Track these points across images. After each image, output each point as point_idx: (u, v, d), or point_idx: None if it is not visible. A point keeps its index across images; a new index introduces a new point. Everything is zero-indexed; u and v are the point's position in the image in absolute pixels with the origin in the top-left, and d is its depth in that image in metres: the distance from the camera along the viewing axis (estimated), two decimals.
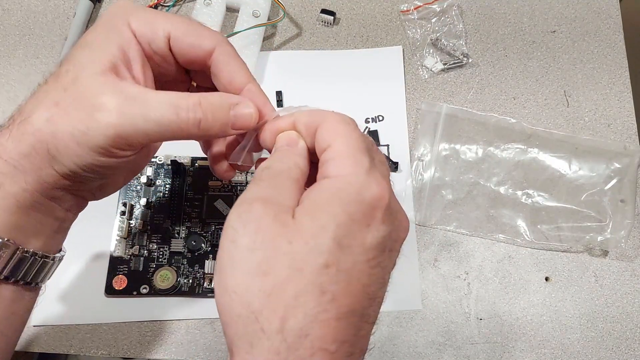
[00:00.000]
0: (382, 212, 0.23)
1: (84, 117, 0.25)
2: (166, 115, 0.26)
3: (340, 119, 0.26)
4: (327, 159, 0.24)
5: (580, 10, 0.55)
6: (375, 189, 0.23)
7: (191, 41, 0.28)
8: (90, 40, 0.27)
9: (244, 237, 0.23)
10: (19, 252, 0.27)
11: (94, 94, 0.25)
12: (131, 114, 0.25)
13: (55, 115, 0.25)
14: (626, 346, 0.44)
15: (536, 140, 0.49)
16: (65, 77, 0.26)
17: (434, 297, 0.45)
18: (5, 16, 0.54)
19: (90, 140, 0.25)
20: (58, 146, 0.25)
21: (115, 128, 0.25)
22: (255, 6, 0.51)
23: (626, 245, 0.45)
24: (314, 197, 0.23)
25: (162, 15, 0.29)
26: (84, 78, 0.26)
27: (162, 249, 0.44)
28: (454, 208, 0.47)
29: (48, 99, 0.26)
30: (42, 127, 0.25)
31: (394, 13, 0.55)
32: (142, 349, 0.43)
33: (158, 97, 0.26)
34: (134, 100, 0.26)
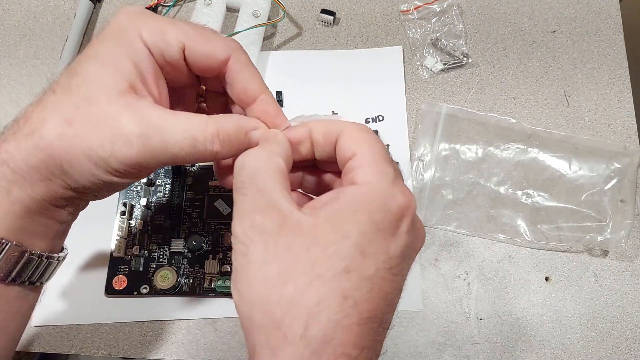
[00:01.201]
0: (407, 222, 0.24)
1: (104, 144, 0.25)
2: (185, 149, 0.26)
3: (361, 128, 0.26)
4: (353, 167, 0.25)
5: (580, 10, 0.55)
6: (402, 199, 0.24)
7: (205, 50, 0.27)
8: (101, 53, 0.26)
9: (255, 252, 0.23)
10: (27, 255, 0.27)
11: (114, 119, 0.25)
12: (151, 147, 0.25)
13: (69, 133, 0.25)
14: (626, 346, 0.44)
15: (536, 140, 0.49)
16: (77, 93, 0.25)
17: (434, 297, 0.45)
18: (5, 16, 0.54)
19: (108, 165, 0.25)
20: (72, 164, 0.25)
21: (135, 159, 0.25)
22: (255, 6, 0.51)
23: (626, 245, 0.45)
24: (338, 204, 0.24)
25: (174, 23, 0.27)
26: (101, 99, 0.25)
27: (162, 249, 0.44)
28: (454, 208, 0.47)
29: (58, 114, 0.25)
30: (54, 143, 0.25)
31: (394, 13, 0.55)
32: (142, 349, 0.43)
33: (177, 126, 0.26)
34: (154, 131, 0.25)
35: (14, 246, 0.26)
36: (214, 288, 0.43)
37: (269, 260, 0.23)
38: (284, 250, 0.23)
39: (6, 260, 0.26)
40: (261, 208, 0.24)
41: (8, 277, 0.27)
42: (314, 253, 0.22)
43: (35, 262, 0.28)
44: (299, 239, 0.23)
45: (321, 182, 0.30)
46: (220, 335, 0.44)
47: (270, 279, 0.22)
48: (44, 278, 0.30)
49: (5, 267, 0.26)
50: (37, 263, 0.28)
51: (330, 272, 0.22)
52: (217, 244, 0.45)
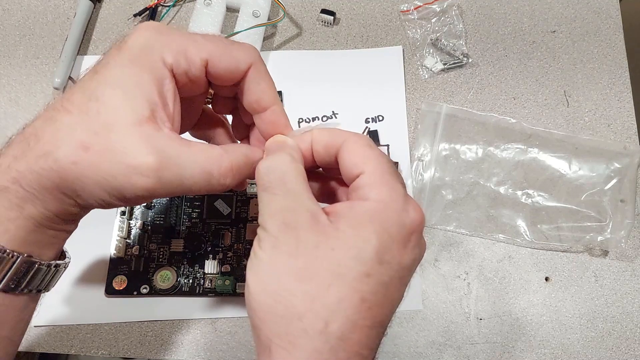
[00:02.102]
0: (417, 236, 0.26)
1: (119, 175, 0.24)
2: (199, 183, 0.26)
3: (365, 143, 0.27)
4: (363, 185, 0.26)
5: (580, 10, 0.55)
6: (414, 215, 0.25)
7: (228, 65, 0.27)
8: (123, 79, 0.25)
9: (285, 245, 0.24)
10: (36, 265, 0.27)
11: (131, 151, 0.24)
12: (166, 180, 0.25)
13: (84, 160, 0.24)
14: (626, 346, 0.44)
15: (536, 140, 0.49)
16: (96, 119, 0.25)
17: (434, 297, 0.45)
18: (5, 16, 0.54)
19: (121, 194, 0.25)
20: (85, 189, 0.25)
21: (148, 191, 0.25)
22: (255, 6, 0.51)
23: (626, 245, 0.45)
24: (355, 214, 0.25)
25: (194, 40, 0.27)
26: (119, 128, 0.25)
27: (162, 249, 0.44)
28: (454, 208, 0.47)
29: (74, 138, 0.25)
30: (68, 168, 0.24)
31: (394, 13, 0.55)
32: (142, 349, 0.43)
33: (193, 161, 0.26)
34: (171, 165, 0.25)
35: (24, 258, 0.26)
36: (214, 288, 0.43)
37: (298, 255, 0.24)
38: (312, 247, 0.24)
39: (17, 272, 0.26)
40: (292, 207, 0.25)
41: (18, 288, 0.27)
42: (338, 254, 0.24)
43: (44, 272, 0.28)
44: (325, 239, 0.24)
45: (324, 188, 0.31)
46: (220, 335, 0.44)
47: (297, 272, 0.24)
48: (51, 285, 0.30)
49: (17, 278, 0.27)
50: (45, 272, 0.28)
51: (352, 274, 0.23)
52: (217, 244, 0.45)
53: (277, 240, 0.25)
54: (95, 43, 0.53)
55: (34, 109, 0.51)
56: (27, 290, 0.28)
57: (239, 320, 0.44)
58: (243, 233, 0.45)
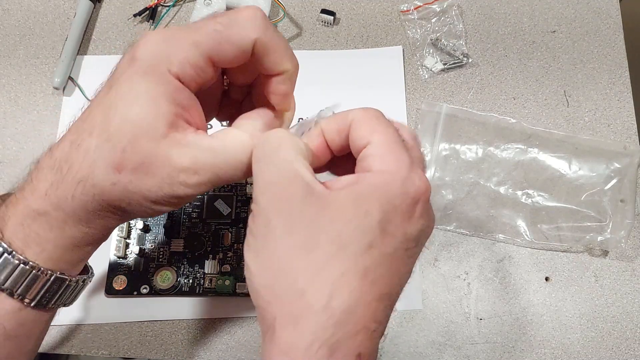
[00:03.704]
0: (422, 206, 0.24)
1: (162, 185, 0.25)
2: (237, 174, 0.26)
3: (372, 115, 0.27)
4: (368, 155, 0.25)
5: (580, 10, 0.55)
6: (418, 184, 0.24)
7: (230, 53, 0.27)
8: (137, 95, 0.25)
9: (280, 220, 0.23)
10: (67, 282, 0.28)
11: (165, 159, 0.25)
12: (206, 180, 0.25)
13: (121, 180, 0.25)
14: (626, 346, 0.44)
15: (536, 140, 0.49)
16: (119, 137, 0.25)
17: (434, 297, 0.45)
18: (5, 16, 0.54)
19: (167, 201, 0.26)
20: (132, 204, 0.25)
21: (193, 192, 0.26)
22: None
23: (626, 245, 0.45)
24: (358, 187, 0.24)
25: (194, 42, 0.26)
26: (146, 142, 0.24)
27: (162, 249, 0.44)
28: (454, 208, 0.47)
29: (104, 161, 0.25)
30: (109, 190, 0.25)
31: (394, 13, 0.55)
32: (142, 349, 0.43)
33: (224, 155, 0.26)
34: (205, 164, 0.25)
35: (58, 276, 0.27)
36: (214, 288, 0.43)
37: (294, 229, 0.23)
38: (309, 220, 0.23)
39: (49, 289, 0.27)
40: (286, 178, 0.24)
41: (48, 304, 0.27)
42: (338, 225, 0.23)
43: (73, 287, 0.28)
44: (323, 210, 0.23)
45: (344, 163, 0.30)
46: (220, 335, 0.44)
47: (295, 247, 0.23)
48: (76, 299, 0.30)
49: (49, 295, 0.27)
50: (74, 288, 0.29)
51: (353, 246, 0.23)
52: (217, 244, 0.45)
53: (271, 214, 0.24)
54: (95, 43, 0.53)
55: (34, 109, 0.51)
56: (54, 306, 0.28)
57: (239, 320, 0.44)
58: (243, 233, 0.45)
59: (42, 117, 0.50)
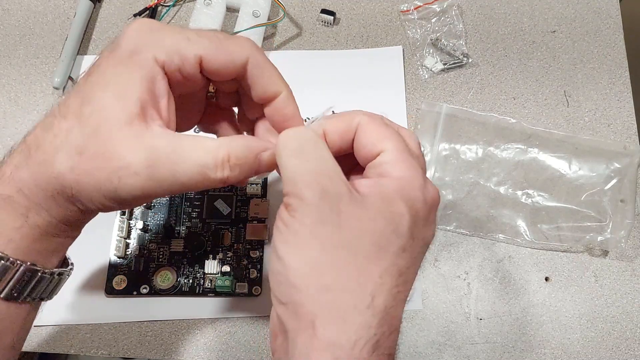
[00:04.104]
0: (434, 212, 0.26)
1: (111, 177, 0.24)
2: (194, 178, 0.25)
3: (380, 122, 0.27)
4: (384, 162, 0.26)
5: (580, 10, 0.55)
6: (433, 192, 0.26)
7: (223, 60, 0.27)
8: (113, 80, 0.25)
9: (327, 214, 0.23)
10: (39, 274, 0.27)
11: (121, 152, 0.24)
12: (159, 177, 0.25)
13: (80, 166, 0.24)
14: (626, 346, 0.44)
15: (536, 140, 0.49)
16: (87, 122, 0.25)
17: (434, 297, 0.45)
18: (5, 16, 0.54)
19: (117, 196, 0.25)
20: (83, 193, 0.25)
21: (142, 190, 0.25)
22: (255, 6, 0.51)
23: (626, 245, 0.45)
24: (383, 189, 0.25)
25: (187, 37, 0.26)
26: (109, 129, 0.24)
27: (162, 249, 0.44)
28: (454, 208, 0.47)
29: (69, 144, 0.25)
30: (66, 174, 0.25)
31: (394, 13, 0.55)
32: (142, 349, 0.43)
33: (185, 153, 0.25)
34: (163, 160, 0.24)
35: (28, 267, 0.26)
36: (214, 288, 0.43)
37: (341, 225, 0.23)
38: (354, 219, 0.23)
39: (20, 280, 0.26)
40: (330, 175, 0.24)
41: (21, 297, 0.27)
42: (379, 226, 0.23)
43: (47, 280, 0.28)
44: (365, 211, 0.24)
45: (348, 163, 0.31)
46: (220, 335, 0.44)
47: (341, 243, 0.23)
48: (54, 293, 0.30)
49: (20, 287, 0.27)
50: (49, 280, 0.28)
51: (393, 248, 0.24)
52: (217, 244, 0.45)
53: (320, 209, 0.23)
54: (95, 43, 0.53)
55: (34, 109, 0.51)
56: (30, 299, 0.28)
57: (238, 320, 0.44)
58: (243, 233, 0.45)
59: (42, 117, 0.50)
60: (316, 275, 0.23)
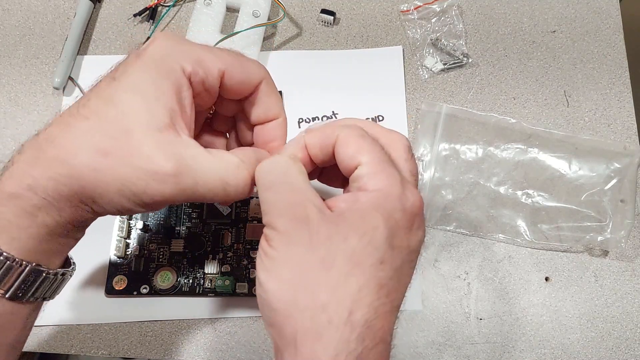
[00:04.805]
0: (419, 219, 0.26)
1: (138, 181, 0.25)
2: (214, 190, 0.27)
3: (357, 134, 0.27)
4: (361, 175, 0.26)
5: (580, 10, 0.55)
6: (412, 199, 0.26)
7: (243, 77, 0.29)
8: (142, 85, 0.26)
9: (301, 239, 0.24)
10: (44, 274, 0.27)
11: (151, 157, 0.25)
12: (183, 186, 0.26)
13: (103, 166, 0.25)
14: (626, 346, 0.44)
15: (536, 140, 0.49)
16: (114, 124, 0.25)
17: (434, 297, 0.45)
18: (5, 16, 0.54)
19: (140, 200, 0.25)
20: (104, 195, 0.25)
21: (166, 196, 0.26)
22: (255, 6, 0.51)
23: (626, 245, 0.45)
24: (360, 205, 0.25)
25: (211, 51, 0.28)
26: (139, 133, 0.25)
27: (162, 249, 0.44)
28: (454, 208, 0.47)
29: (91, 144, 0.25)
30: (87, 175, 0.25)
31: (394, 13, 0.55)
32: (142, 349, 0.43)
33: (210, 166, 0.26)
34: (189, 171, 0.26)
35: (33, 267, 0.26)
36: (214, 288, 0.43)
37: (314, 247, 0.24)
38: (325, 239, 0.24)
39: (25, 281, 0.26)
40: (300, 202, 0.25)
41: (25, 297, 0.27)
42: (352, 243, 0.24)
43: (51, 280, 0.28)
44: (337, 229, 0.24)
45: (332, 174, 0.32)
46: (220, 335, 0.44)
47: (316, 263, 0.24)
48: (56, 293, 0.30)
49: (24, 287, 0.27)
50: (52, 281, 0.28)
51: (368, 261, 0.24)
52: (217, 244, 0.45)
53: (290, 235, 0.25)
54: (95, 43, 0.53)
55: (34, 109, 0.51)
56: (33, 299, 0.28)
57: (238, 320, 0.44)
58: (243, 233, 0.45)
59: (42, 117, 0.50)
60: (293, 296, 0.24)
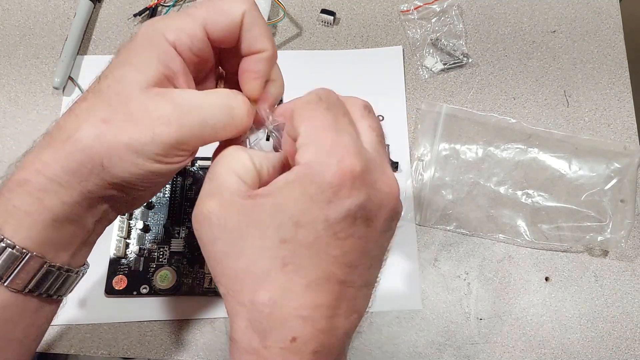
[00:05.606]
0: (347, 187, 0.23)
1: (144, 131, 0.25)
2: (223, 120, 0.27)
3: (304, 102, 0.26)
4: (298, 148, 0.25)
5: (580, 10, 0.55)
6: (335, 169, 0.23)
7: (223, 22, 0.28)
8: (130, 58, 0.27)
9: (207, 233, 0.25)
10: (46, 266, 0.27)
11: (147, 106, 0.26)
12: (190, 123, 0.26)
13: (107, 131, 0.25)
14: (626, 346, 0.44)
15: (536, 140, 0.49)
16: (108, 93, 0.26)
17: (434, 297, 0.45)
18: (5, 16, 0.54)
19: (150, 150, 0.26)
20: (112, 159, 0.25)
21: (176, 138, 0.26)
22: None
23: (626, 245, 0.45)
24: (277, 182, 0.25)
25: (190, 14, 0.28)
26: (131, 93, 0.26)
27: (162, 249, 0.44)
28: (454, 208, 0.47)
29: (93, 116, 0.26)
30: (92, 143, 0.25)
31: (394, 13, 0.55)
32: (142, 348, 0.43)
33: (210, 100, 0.27)
34: (190, 107, 0.26)
35: (34, 257, 0.26)
36: (213, 288, 0.43)
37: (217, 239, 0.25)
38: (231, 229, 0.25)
39: (26, 271, 0.26)
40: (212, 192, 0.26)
41: (25, 288, 0.27)
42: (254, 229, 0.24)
43: (54, 275, 0.28)
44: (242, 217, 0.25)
45: None
46: (219, 335, 0.44)
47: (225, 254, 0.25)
48: (62, 291, 0.30)
49: (25, 277, 0.26)
50: (56, 276, 0.28)
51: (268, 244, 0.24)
52: None
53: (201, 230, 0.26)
54: (95, 43, 0.53)
55: (34, 109, 0.51)
56: (36, 293, 0.27)
57: None
58: None
59: (42, 117, 0.50)
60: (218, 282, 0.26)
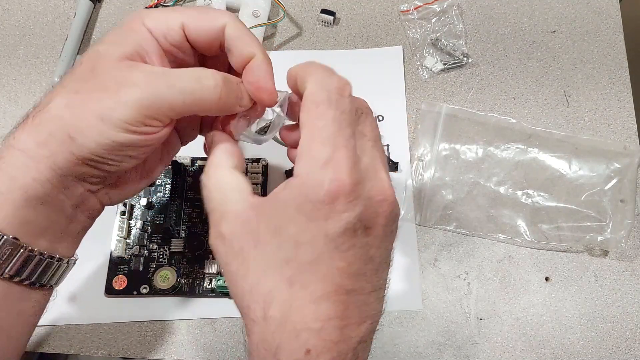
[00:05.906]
0: (342, 202, 0.24)
1: (109, 95, 0.26)
2: (190, 84, 0.27)
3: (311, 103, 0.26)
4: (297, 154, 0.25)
5: (580, 10, 0.55)
6: (328, 184, 0.23)
7: (203, 24, 0.29)
8: (107, 40, 0.28)
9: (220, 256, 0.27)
10: (24, 251, 0.26)
11: (117, 75, 0.26)
12: (156, 85, 0.26)
13: (75, 100, 0.26)
14: (626, 346, 0.44)
15: (536, 140, 0.49)
16: (81, 69, 0.27)
17: (434, 297, 0.45)
18: (5, 16, 0.54)
19: (116, 115, 0.26)
20: (80, 126, 0.26)
21: (141, 100, 0.26)
22: (255, 6, 0.51)
23: (626, 245, 0.45)
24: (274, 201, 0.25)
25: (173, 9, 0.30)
26: (103, 65, 0.27)
27: (162, 249, 0.44)
28: (454, 208, 0.47)
29: (66, 90, 0.27)
30: (61, 112, 0.26)
31: (394, 13, 0.55)
32: (142, 349, 0.43)
33: (180, 71, 0.27)
34: (158, 74, 0.27)
35: (10, 239, 0.26)
36: (213, 288, 0.43)
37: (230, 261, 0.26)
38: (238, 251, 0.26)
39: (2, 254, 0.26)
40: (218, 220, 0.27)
41: (4, 273, 0.26)
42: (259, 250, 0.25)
43: (34, 260, 0.27)
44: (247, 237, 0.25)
45: None
46: (220, 335, 0.44)
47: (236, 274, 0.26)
48: (44, 280, 0.29)
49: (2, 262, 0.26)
50: (36, 261, 0.27)
51: (273, 264, 0.25)
52: None
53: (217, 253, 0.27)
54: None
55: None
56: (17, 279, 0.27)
57: (238, 320, 0.44)
58: None
59: None
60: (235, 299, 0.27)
